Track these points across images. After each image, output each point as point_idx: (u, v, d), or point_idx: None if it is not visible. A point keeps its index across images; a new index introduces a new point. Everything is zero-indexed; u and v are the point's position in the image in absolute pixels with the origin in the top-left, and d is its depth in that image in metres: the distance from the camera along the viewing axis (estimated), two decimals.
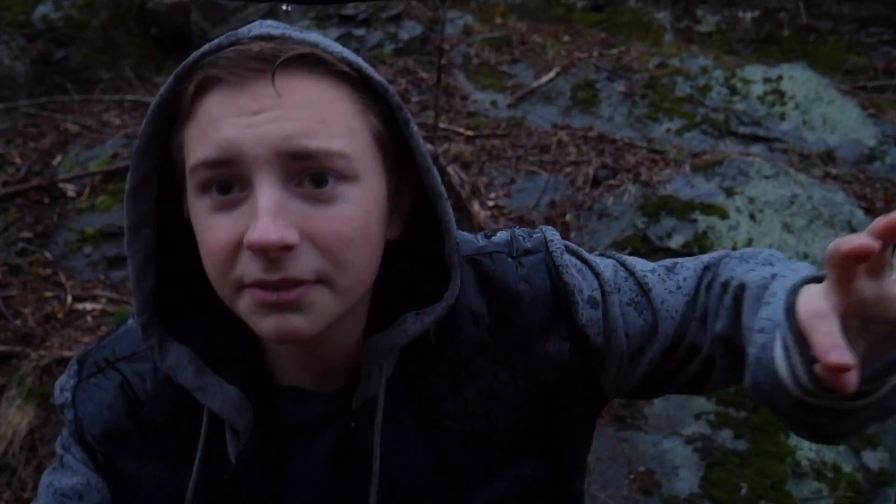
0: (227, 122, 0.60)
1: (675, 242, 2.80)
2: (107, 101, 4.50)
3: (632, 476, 2.22)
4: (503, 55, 4.54)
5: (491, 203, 3.33)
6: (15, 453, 2.58)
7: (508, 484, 0.74)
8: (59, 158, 3.92)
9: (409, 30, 4.85)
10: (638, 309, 0.74)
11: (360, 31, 4.83)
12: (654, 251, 2.78)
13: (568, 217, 3.07)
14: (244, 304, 0.63)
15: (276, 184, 0.60)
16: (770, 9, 5.00)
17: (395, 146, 0.67)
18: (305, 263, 0.61)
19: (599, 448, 2.24)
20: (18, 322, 2.98)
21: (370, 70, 0.64)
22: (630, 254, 0.89)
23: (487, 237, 0.79)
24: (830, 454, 2.21)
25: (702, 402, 2.36)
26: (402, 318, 0.70)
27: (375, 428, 0.70)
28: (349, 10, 4.90)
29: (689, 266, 0.77)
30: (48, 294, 3.15)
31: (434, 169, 0.66)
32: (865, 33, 4.79)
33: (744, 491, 2.13)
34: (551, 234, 0.77)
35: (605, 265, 0.76)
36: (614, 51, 4.42)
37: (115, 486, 0.75)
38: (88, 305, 3.08)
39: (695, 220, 2.86)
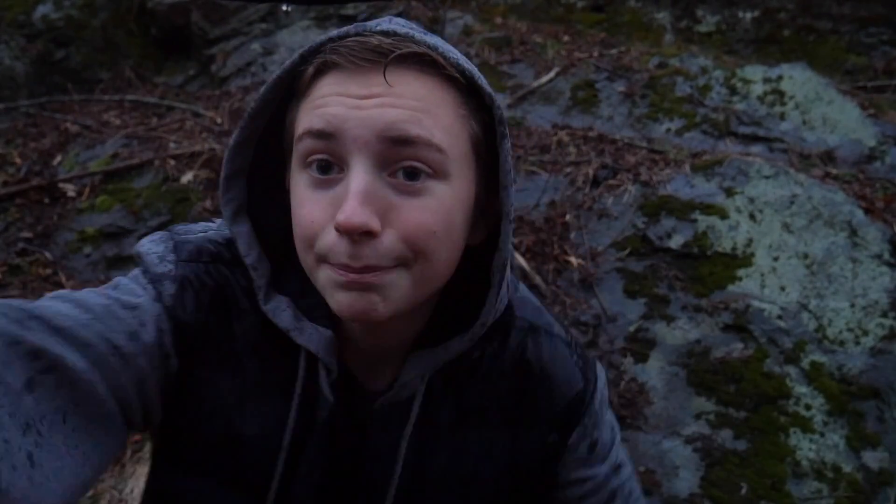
0: (337, 100, 0.64)
1: (675, 242, 2.80)
2: (107, 101, 4.50)
3: None
4: (503, 55, 4.53)
5: None
6: None
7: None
8: (59, 158, 3.91)
9: None
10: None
11: None
12: (653, 251, 2.78)
13: (568, 217, 3.06)
14: (323, 277, 0.66)
15: (370, 170, 0.63)
16: (770, 9, 5.00)
17: (489, 156, 0.70)
18: (388, 251, 0.64)
19: None
20: None
21: (482, 80, 0.67)
22: (630, 254, 0.98)
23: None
24: (830, 454, 2.21)
25: (702, 402, 2.36)
26: (451, 341, 0.74)
27: (407, 427, 0.75)
28: (349, 10, 4.90)
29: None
30: (48, 294, 3.15)
31: (511, 189, 0.69)
32: (865, 33, 4.79)
33: (744, 491, 2.13)
34: (601, 369, 0.86)
35: (613, 438, 0.86)
36: (614, 51, 4.42)
37: (181, 385, 0.72)
38: None
39: (695, 220, 2.86)
